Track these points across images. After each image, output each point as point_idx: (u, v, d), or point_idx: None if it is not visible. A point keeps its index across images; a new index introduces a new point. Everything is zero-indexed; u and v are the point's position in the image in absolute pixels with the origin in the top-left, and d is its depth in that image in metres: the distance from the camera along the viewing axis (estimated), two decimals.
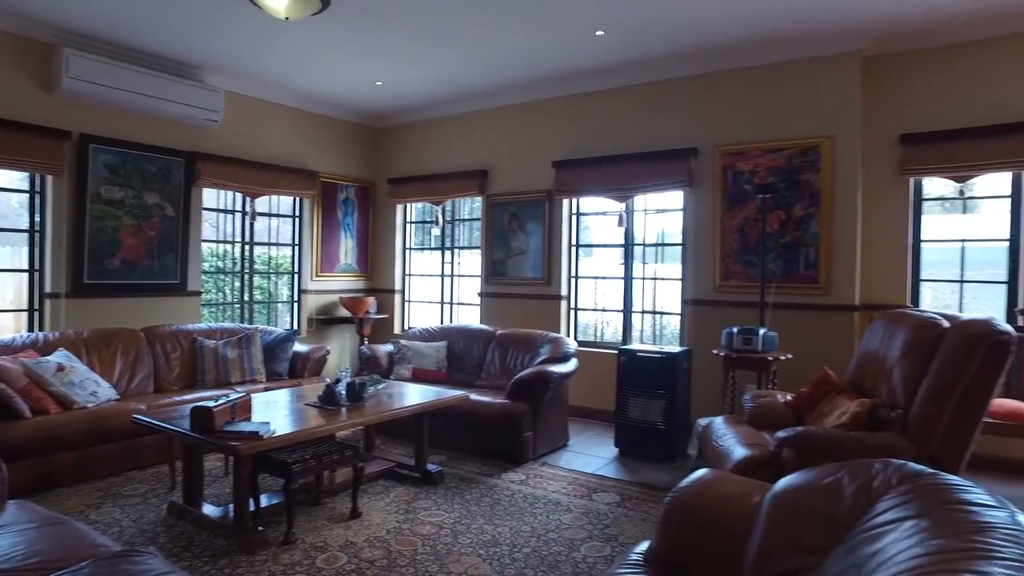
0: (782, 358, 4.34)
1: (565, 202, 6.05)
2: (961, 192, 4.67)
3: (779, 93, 5.01)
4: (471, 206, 7.06)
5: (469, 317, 6.80)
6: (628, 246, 5.85)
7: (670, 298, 5.72)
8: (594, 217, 6.28)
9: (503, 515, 3.54)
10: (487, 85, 6.05)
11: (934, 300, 5.11)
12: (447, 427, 4.63)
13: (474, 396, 4.59)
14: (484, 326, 5.83)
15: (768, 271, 4.86)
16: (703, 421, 3.78)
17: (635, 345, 5.13)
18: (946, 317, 3.13)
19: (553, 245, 6.06)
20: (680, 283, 5.52)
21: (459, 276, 7.06)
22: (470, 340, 5.61)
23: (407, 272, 7.40)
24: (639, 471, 4.34)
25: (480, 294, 6.60)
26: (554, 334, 5.22)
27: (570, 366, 4.79)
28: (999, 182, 4.67)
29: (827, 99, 4.83)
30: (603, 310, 6.16)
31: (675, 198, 5.59)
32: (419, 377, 5.29)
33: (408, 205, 7.38)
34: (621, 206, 5.72)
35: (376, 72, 5.72)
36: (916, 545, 1.35)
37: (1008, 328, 2.84)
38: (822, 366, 3.69)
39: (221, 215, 6.28)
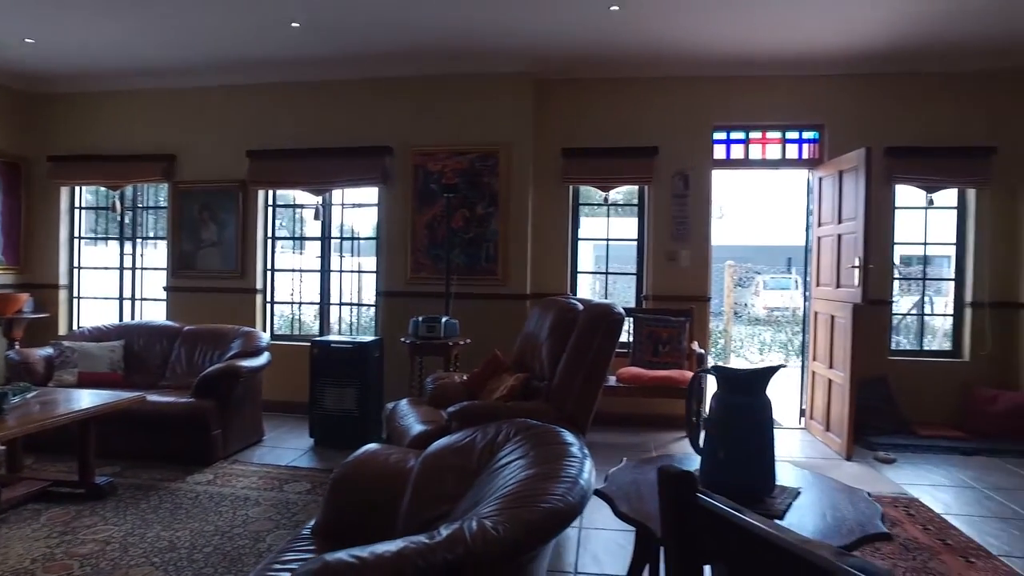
0: (461, 343, 4.83)
1: (260, 193, 5.88)
2: (606, 200, 5.68)
3: (466, 101, 5.53)
4: (157, 193, 6.43)
5: (155, 313, 6.21)
6: (325, 239, 5.92)
7: (370, 290, 5.93)
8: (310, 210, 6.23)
9: (184, 519, 3.39)
10: (176, 62, 5.59)
11: (603, 289, 6.15)
12: (123, 434, 4.22)
13: (155, 397, 4.28)
14: (170, 322, 5.40)
15: (453, 264, 5.34)
16: (390, 405, 4.04)
17: (329, 336, 5.23)
18: (582, 302, 3.82)
19: (248, 237, 5.85)
20: (375, 275, 5.76)
21: (143, 269, 6.39)
22: (152, 338, 5.15)
23: (76, 265, 6.46)
24: (333, 458, 4.46)
25: (166, 288, 6.07)
26: (247, 328, 5.07)
27: (262, 359, 4.71)
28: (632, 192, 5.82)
29: (505, 111, 5.47)
30: (300, 303, 6.13)
31: (371, 194, 5.79)
32: (87, 381, 4.71)
33: (77, 188, 6.44)
34: (318, 199, 5.76)
35: (23, 26, 4.88)
36: (516, 475, 1.73)
37: (621, 311, 3.58)
38: (498, 349, 4.22)
39: None
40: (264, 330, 5.84)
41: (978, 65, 5.20)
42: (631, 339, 5.31)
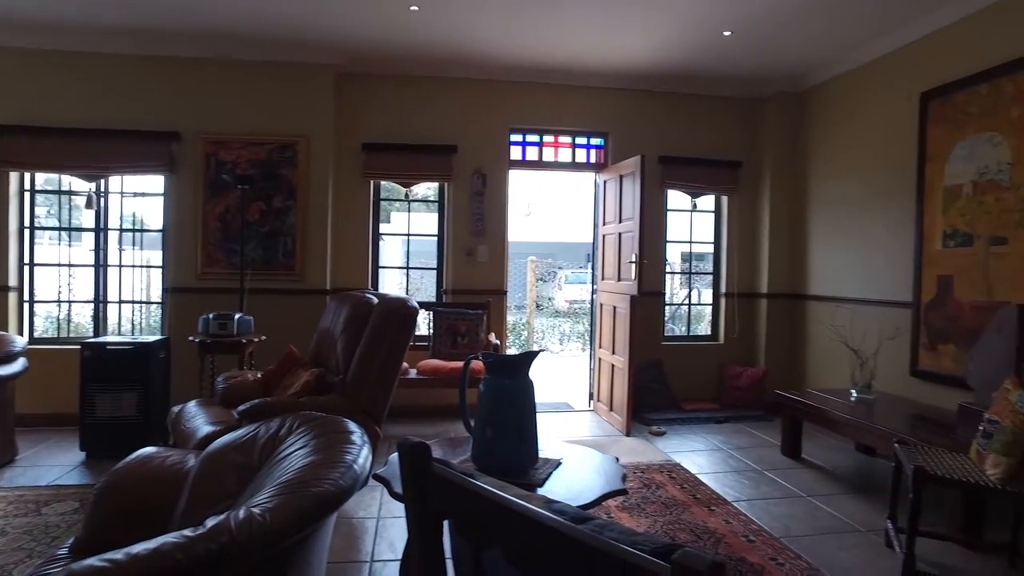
0: (256, 340, 4.66)
1: (13, 175, 5.13)
2: (407, 196, 5.77)
3: (265, 90, 5.29)
4: None
5: None
6: (101, 231, 5.34)
7: (157, 286, 5.46)
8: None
9: None
10: None
11: (410, 283, 6.20)
12: None
13: None
14: None
15: (249, 259, 5.11)
16: (176, 408, 3.79)
17: (105, 337, 4.75)
18: (377, 296, 3.88)
19: None
20: (161, 270, 5.33)
21: None
22: None
23: None
24: (108, 471, 4.07)
25: None
26: None
27: (15, 367, 4.14)
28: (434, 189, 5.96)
29: (306, 103, 5.33)
30: (70, 301, 5.47)
31: (157, 182, 5.34)
32: None
33: None
34: (91, 186, 5.19)
35: None
36: (295, 463, 1.76)
37: (415, 304, 3.69)
38: (296, 345, 4.13)
39: None
40: (20, 333, 5.13)
41: (730, 92, 6.06)
42: (431, 332, 5.45)
